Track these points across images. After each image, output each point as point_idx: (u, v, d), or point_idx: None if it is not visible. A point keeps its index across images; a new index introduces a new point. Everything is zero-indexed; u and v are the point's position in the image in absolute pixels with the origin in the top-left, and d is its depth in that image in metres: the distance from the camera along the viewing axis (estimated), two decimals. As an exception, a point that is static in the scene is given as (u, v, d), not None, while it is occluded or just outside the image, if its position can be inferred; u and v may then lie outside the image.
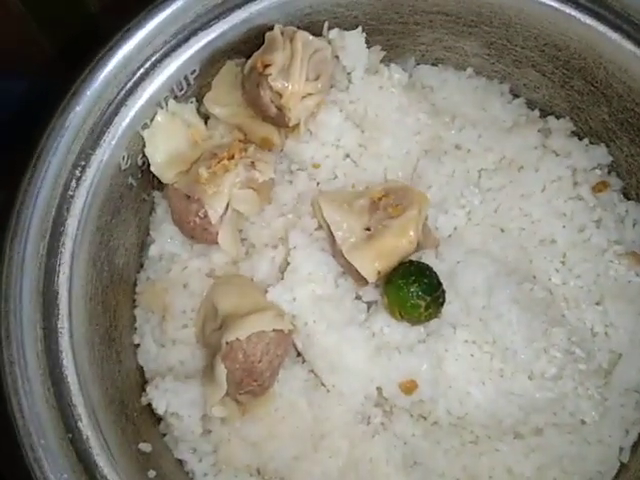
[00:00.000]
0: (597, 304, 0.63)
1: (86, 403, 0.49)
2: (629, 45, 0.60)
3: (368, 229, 0.61)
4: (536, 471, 0.59)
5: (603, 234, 0.65)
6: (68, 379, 0.48)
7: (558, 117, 0.71)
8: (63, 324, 0.50)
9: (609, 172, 0.70)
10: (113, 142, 0.57)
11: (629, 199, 0.69)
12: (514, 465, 0.59)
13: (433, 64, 0.74)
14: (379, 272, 0.59)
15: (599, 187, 0.68)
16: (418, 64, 0.74)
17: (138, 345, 0.64)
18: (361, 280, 0.61)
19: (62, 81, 0.56)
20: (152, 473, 0.53)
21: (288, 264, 0.62)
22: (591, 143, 0.70)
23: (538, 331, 0.58)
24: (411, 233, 0.60)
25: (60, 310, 0.51)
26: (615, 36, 0.60)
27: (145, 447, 0.55)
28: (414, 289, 0.57)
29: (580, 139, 0.70)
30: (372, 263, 0.59)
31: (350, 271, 0.61)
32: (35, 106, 0.57)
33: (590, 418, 0.59)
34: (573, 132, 0.71)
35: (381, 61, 0.70)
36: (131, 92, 0.58)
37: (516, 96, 0.73)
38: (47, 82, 0.63)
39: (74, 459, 0.45)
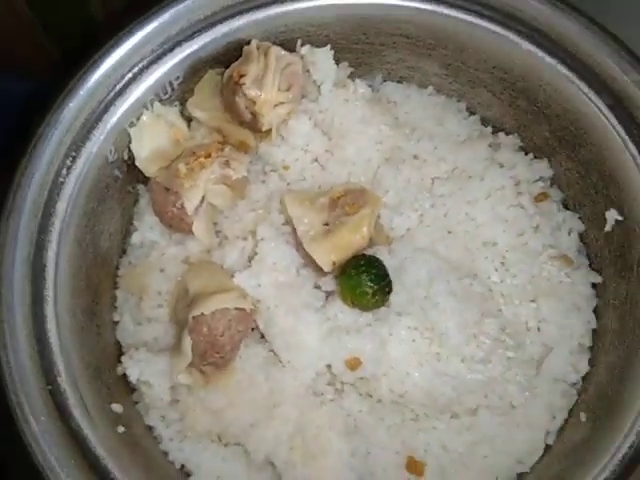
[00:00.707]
0: (531, 301, 0.70)
1: (65, 363, 0.56)
2: (563, 69, 0.68)
3: (327, 224, 0.68)
4: (468, 448, 0.66)
5: (539, 239, 0.72)
6: (50, 340, 0.55)
7: (507, 133, 0.79)
8: (49, 293, 0.57)
9: (551, 184, 0.78)
10: (102, 137, 0.64)
11: (568, 209, 0.76)
12: (448, 442, 0.65)
13: (398, 81, 0.82)
14: (334, 263, 0.66)
15: (540, 197, 0.75)
16: (385, 81, 0.82)
17: (117, 322, 0.71)
18: (319, 270, 0.68)
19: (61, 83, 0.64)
20: (121, 429, 0.59)
21: (256, 254, 0.69)
22: (535, 157, 0.77)
23: (471, 320, 0.65)
24: (364, 229, 0.67)
25: (47, 281, 0.57)
26: (551, 61, 0.68)
27: (117, 408, 0.61)
28: (363, 278, 0.64)
29: (526, 154, 0.77)
30: (328, 255, 0.66)
31: (310, 262, 0.68)
32: (37, 106, 0.63)
33: (518, 402, 0.66)
34: (520, 147, 0.78)
35: (349, 76, 0.78)
36: (120, 93, 0.65)
37: (472, 113, 0.81)
38: (49, 84, 0.70)
39: (52, 407, 0.51)
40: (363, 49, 0.77)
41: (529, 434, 0.67)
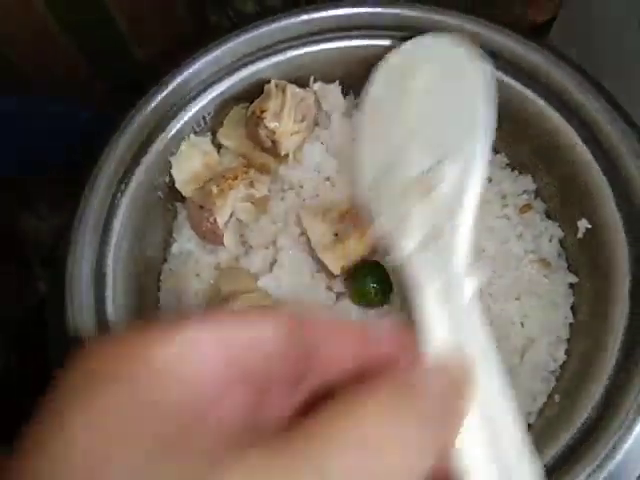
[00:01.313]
0: (516, 299, 0.81)
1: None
2: (540, 101, 0.79)
3: (336, 234, 0.80)
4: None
5: (522, 245, 0.82)
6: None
7: (496, 153, 0.90)
8: (109, 294, 0.70)
9: (535, 197, 0.88)
10: (148, 165, 0.77)
11: (550, 219, 0.87)
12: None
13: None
14: (343, 267, 0.78)
15: (524, 209, 0.86)
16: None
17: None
18: (330, 274, 0.80)
19: (110, 119, 0.77)
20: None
21: (276, 261, 0.81)
22: (520, 173, 0.88)
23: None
24: (367, 239, 0.78)
25: (107, 285, 0.71)
26: (528, 92, 0.79)
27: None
28: (367, 281, 0.76)
29: (512, 170, 0.88)
30: (338, 261, 0.78)
31: (322, 267, 0.80)
32: (88, 138, 0.76)
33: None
34: (507, 164, 0.89)
35: (355, 107, 0.90)
36: (163, 128, 0.78)
37: (466, 135, 0.92)
38: (100, 116, 0.83)
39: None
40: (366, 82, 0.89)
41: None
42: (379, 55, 0.82)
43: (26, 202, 1.01)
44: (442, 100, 0.56)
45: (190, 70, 0.79)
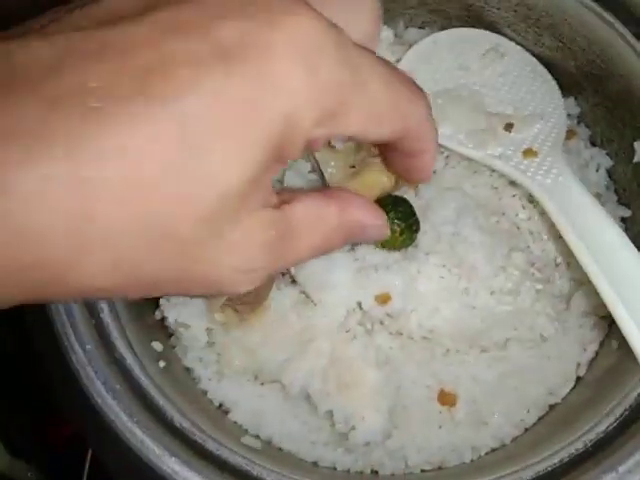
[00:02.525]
0: (559, 237, 0.70)
1: (108, 302, 0.59)
2: (587, 1, 0.67)
3: (353, 167, 0.69)
4: (498, 380, 0.67)
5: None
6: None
7: (532, 73, 0.78)
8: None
9: (578, 122, 0.77)
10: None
11: (595, 146, 0.76)
12: (479, 374, 0.66)
13: (420, 27, 0.82)
14: None
15: (568, 135, 0.75)
16: (407, 27, 0.82)
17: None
18: (347, 212, 0.69)
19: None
20: (162, 364, 0.62)
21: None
22: (562, 96, 0.77)
23: (499, 253, 0.65)
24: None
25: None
26: (574, -5, 0.67)
27: (157, 346, 0.64)
28: (390, 216, 0.65)
29: (552, 92, 0.77)
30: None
31: (338, 205, 0.70)
32: None
33: (548, 333, 0.67)
34: (545, 86, 0.78)
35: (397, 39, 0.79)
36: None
37: (496, 56, 0.81)
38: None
39: (97, 338, 0.54)
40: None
41: (560, 366, 0.68)
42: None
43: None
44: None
45: None
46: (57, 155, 0.24)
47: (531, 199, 0.71)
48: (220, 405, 0.69)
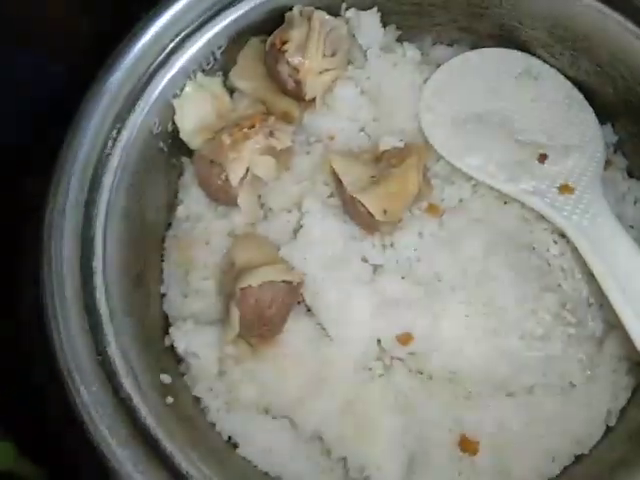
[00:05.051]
0: (592, 275, 0.66)
1: (115, 334, 0.56)
2: (630, 25, 0.63)
3: (373, 177, 0.66)
4: (523, 427, 0.63)
5: (601, 209, 0.67)
6: (100, 311, 0.55)
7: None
8: (98, 264, 0.57)
9: (615, 151, 0.73)
10: (146, 108, 0.63)
11: (632, 177, 0.71)
12: (503, 420, 0.63)
13: (449, 44, 0.78)
14: (385, 211, 0.63)
15: (604, 165, 0.71)
16: (435, 44, 0.78)
17: (164, 295, 0.71)
18: (369, 227, 0.65)
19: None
20: (170, 399, 0.59)
21: (301, 227, 0.67)
22: (599, 123, 0.73)
23: (530, 294, 0.62)
24: (413, 176, 0.64)
25: (95, 253, 0.58)
26: (616, 16, 0.63)
27: (166, 378, 0.62)
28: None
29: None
30: (380, 202, 0.63)
31: (358, 217, 0.65)
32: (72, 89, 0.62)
33: (578, 380, 0.63)
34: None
35: (397, 40, 0.74)
36: (163, 64, 0.64)
37: (529, 77, 0.77)
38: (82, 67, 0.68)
39: (103, 377, 0.52)
40: (411, 10, 0.74)
41: (588, 414, 0.64)
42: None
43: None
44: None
45: (195, -9, 0.64)
46: None
47: (563, 233, 0.67)
48: (229, 439, 0.67)
